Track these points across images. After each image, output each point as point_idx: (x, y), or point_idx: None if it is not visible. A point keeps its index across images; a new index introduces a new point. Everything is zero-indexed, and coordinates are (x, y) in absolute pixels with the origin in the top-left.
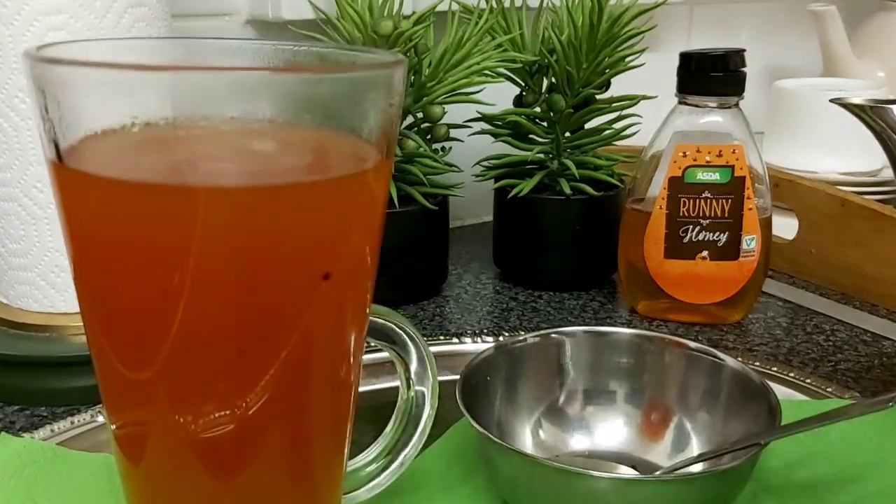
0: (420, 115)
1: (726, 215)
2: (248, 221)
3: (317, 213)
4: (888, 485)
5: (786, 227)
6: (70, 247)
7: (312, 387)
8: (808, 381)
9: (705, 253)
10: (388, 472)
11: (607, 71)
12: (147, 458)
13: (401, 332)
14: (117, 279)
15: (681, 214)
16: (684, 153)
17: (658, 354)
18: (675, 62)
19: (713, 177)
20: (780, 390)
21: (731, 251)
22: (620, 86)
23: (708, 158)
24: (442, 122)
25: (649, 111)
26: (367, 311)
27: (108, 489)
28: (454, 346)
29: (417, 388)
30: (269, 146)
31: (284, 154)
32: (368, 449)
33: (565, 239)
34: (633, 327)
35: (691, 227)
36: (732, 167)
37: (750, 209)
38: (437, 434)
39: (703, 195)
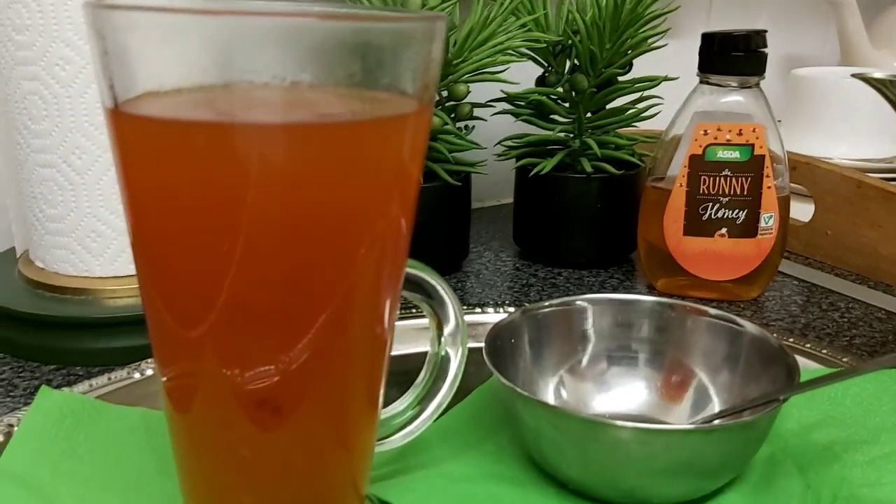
0: (445, 93)
1: (745, 193)
2: (297, 160)
3: (361, 152)
4: None
5: (802, 211)
6: (127, 201)
7: (353, 337)
8: (825, 351)
9: (724, 230)
10: (419, 420)
11: (630, 52)
12: (194, 409)
13: (433, 284)
14: (172, 230)
15: (700, 192)
16: (705, 131)
17: (679, 320)
18: (694, 47)
19: (733, 155)
20: (808, 364)
21: (749, 229)
22: (641, 69)
23: (728, 137)
24: (466, 100)
25: (669, 94)
26: (404, 262)
27: (146, 441)
28: (477, 316)
29: (448, 338)
30: (317, 90)
31: (332, 97)
32: (401, 399)
33: (585, 217)
34: None
35: (711, 204)
36: (752, 146)
37: (769, 188)
38: (462, 398)
39: (723, 173)
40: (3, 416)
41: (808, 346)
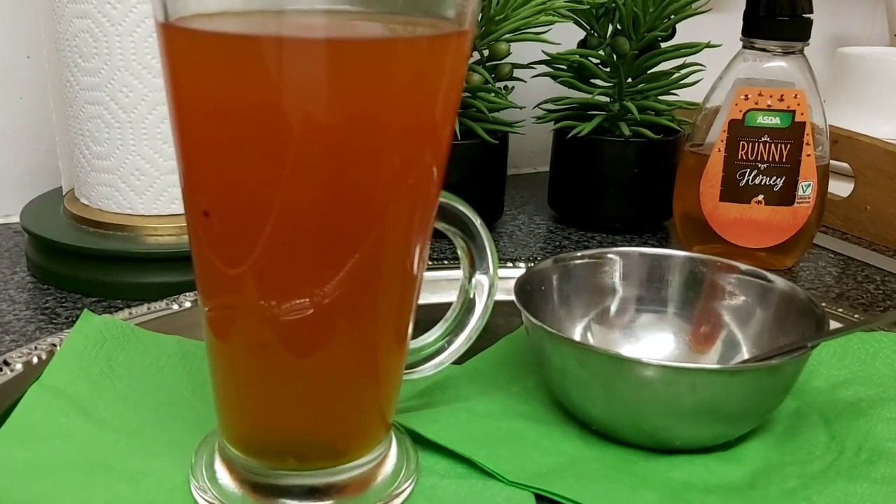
0: (486, 52)
1: (784, 160)
2: (340, 75)
3: (401, 69)
4: None
5: (841, 187)
6: (175, 120)
7: (385, 272)
8: (857, 316)
9: (760, 197)
10: (449, 350)
11: (673, 16)
12: (233, 338)
13: (468, 216)
14: (219, 149)
15: (739, 158)
16: (746, 96)
17: (709, 274)
18: (738, 15)
19: (773, 121)
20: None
21: (786, 196)
22: (684, 34)
23: (769, 102)
24: (506, 60)
25: (711, 63)
26: (438, 197)
27: (182, 366)
28: (507, 271)
29: (480, 273)
30: (360, 16)
31: (374, 21)
32: (432, 329)
33: (622, 182)
34: None
35: (748, 170)
36: (793, 112)
37: (808, 155)
38: (492, 345)
39: (763, 139)
40: (47, 337)
41: (841, 310)
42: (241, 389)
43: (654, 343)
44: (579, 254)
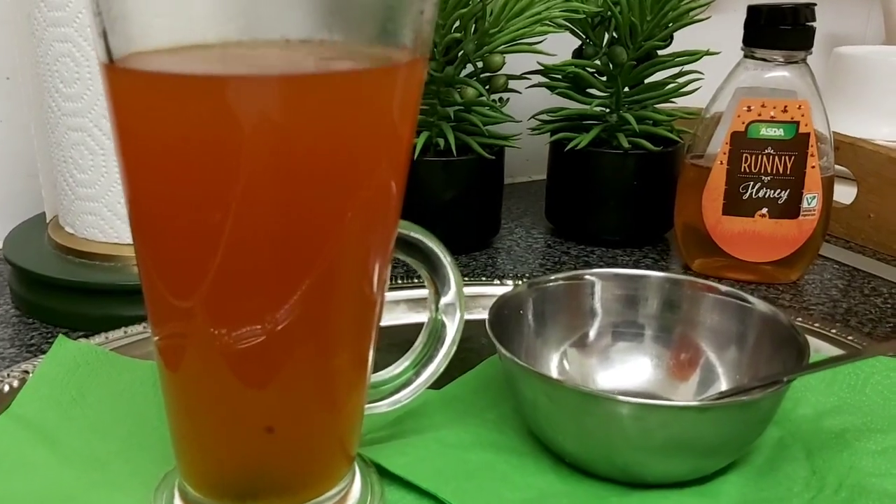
0: (480, 64)
1: (788, 172)
2: (287, 112)
3: (352, 104)
4: None
5: (844, 193)
6: (121, 158)
7: (340, 300)
8: (850, 338)
9: (764, 210)
10: (410, 387)
11: (671, 24)
12: (184, 367)
13: (430, 247)
14: (166, 189)
15: (742, 170)
16: (749, 107)
17: (688, 297)
18: (737, 21)
19: (777, 132)
20: (834, 351)
21: (791, 209)
22: (682, 42)
23: (772, 114)
24: (501, 72)
25: (710, 70)
26: (396, 222)
27: (153, 393)
28: (495, 288)
29: (446, 307)
30: (309, 45)
31: (323, 51)
32: (395, 364)
33: (621, 194)
34: None
35: (752, 183)
36: (797, 123)
37: (813, 167)
38: (471, 368)
39: (766, 151)
40: (21, 363)
41: (834, 331)
42: (193, 423)
43: (631, 370)
44: (553, 276)
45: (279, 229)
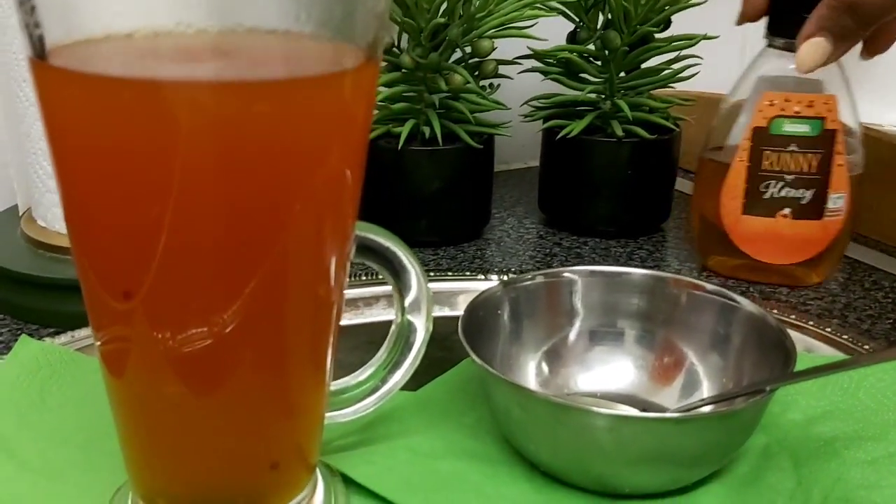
0: (468, 49)
1: (813, 171)
2: (228, 118)
3: (297, 110)
4: None
5: None
6: (53, 157)
7: (291, 303)
8: (867, 347)
9: (787, 210)
10: (375, 395)
11: (667, 7)
12: (128, 373)
13: (399, 254)
14: (99, 191)
15: (763, 168)
16: (771, 102)
17: (672, 296)
18: (735, 2)
19: (802, 129)
20: (827, 351)
21: (815, 210)
22: (679, 26)
23: (797, 109)
24: (491, 57)
25: (708, 53)
26: (352, 225)
27: None
28: (479, 283)
29: (411, 312)
30: (252, 47)
31: (267, 53)
32: (360, 370)
33: (615, 183)
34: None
35: (773, 182)
36: (823, 119)
37: (840, 165)
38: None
39: (789, 148)
40: None
41: (829, 329)
42: (139, 433)
43: (613, 373)
44: (530, 275)
45: (218, 230)
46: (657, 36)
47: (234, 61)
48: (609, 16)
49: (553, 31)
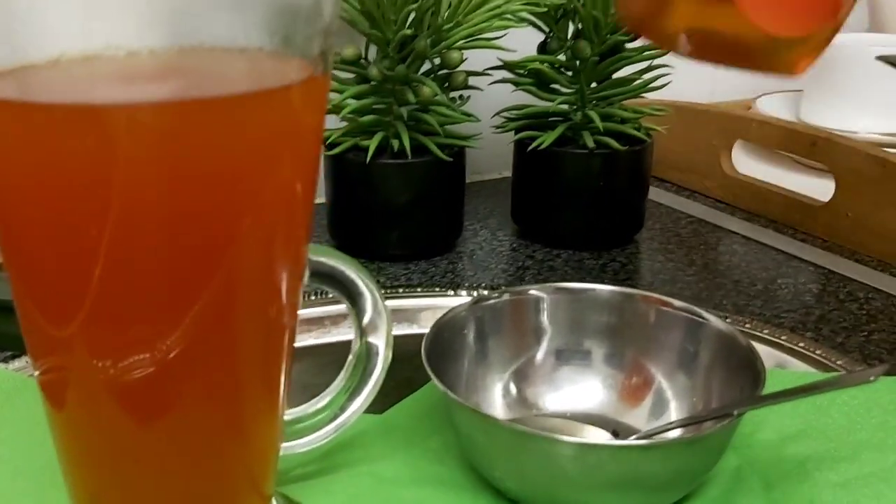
0: (437, 60)
1: None
2: (168, 139)
3: (240, 129)
4: (884, 467)
5: (821, 188)
6: None
7: (240, 328)
8: (839, 362)
9: None
10: (333, 424)
11: None
12: (69, 404)
13: (354, 279)
14: (35, 218)
15: None
16: None
17: (639, 313)
18: None
19: None
20: (800, 366)
21: None
22: None
23: None
24: (460, 68)
25: (681, 63)
26: (303, 249)
27: None
28: (449, 300)
29: (370, 337)
30: (194, 66)
31: (209, 72)
32: (316, 398)
33: (587, 195)
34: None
35: None
36: None
37: None
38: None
39: None
40: None
41: (802, 344)
42: (83, 468)
43: (581, 393)
44: (497, 293)
45: (161, 253)
46: (628, 45)
47: (175, 81)
48: (579, 25)
49: (523, 41)
